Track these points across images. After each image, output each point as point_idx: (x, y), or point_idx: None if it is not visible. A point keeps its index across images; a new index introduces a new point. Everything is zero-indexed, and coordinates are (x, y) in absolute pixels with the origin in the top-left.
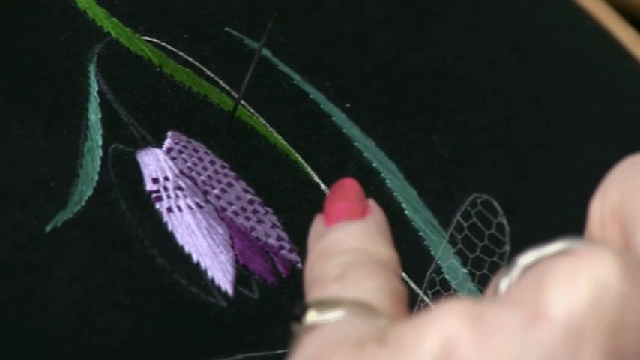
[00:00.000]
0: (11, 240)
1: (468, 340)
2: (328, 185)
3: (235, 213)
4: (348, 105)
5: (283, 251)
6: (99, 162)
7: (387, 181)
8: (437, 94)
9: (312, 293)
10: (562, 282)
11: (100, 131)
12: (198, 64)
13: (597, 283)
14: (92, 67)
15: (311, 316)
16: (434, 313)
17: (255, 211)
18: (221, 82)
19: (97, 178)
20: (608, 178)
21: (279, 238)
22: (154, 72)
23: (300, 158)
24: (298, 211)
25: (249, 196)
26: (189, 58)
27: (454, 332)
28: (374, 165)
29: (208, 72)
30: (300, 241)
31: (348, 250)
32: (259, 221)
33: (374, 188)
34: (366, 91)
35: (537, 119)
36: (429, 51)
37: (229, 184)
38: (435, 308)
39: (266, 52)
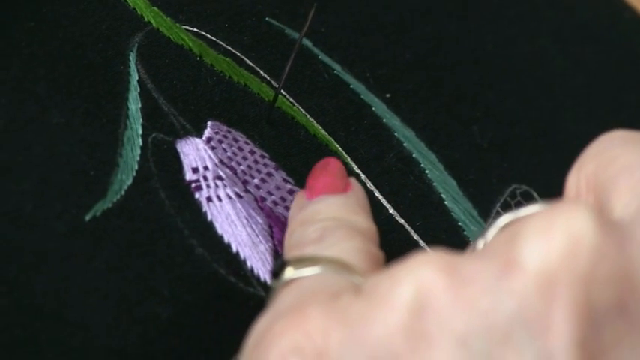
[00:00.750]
0: (51, 229)
1: (442, 289)
2: (368, 175)
3: (275, 203)
4: (388, 95)
5: None
6: (138, 151)
7: (427, 172)
8: (477, 84)
9: (291, 254)
10: (536, 234)
11: (140, 120)
12: (239, 54)
13: (571, 236)
14: (132, 56)
15: (289, 272)
16: (408, 264)
17: None
18: (261, 72)
19: (136, 167)
20: (584, 153)
21: None
22: (194, 61)
23: (340, 148)
24: None
25: (288, 186)
26: (230, 48)
27: (428, 282)
28: (414, 155)
29: (248, 61)
30: None
31: (327, 219)
32: None
33: (413, 178)
34: (407, 82)
35: (577, 110)
36: (469, 41)
37: (269, 174)
38: (410, 259)
39: (306, 42)
